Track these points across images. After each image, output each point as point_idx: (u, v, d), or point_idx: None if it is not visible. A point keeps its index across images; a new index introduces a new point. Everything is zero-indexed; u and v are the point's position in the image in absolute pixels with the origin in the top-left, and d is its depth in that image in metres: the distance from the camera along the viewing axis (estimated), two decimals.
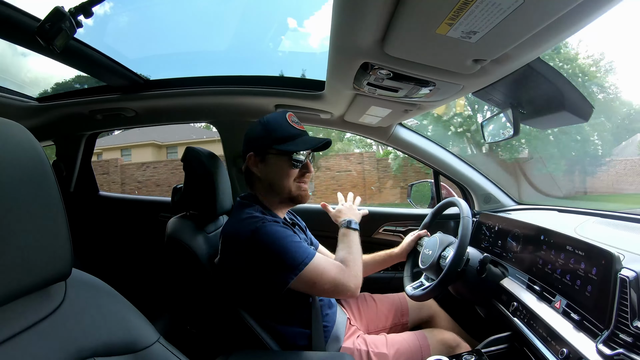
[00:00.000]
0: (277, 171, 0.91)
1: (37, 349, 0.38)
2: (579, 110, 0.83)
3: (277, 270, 0.79)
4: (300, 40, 14.66)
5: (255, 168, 0.92)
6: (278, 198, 0.94)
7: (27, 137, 0.38)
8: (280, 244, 0.80)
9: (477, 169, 1.50)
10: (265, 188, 0.93)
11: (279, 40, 14.18)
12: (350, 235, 0.98)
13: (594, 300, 0.66)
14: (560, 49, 9.22)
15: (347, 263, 0.88)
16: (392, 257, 1.20)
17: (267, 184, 0.92)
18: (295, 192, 0.93)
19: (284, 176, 0.91)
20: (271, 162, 0.91)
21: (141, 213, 1.75)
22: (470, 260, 0.96)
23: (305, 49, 14.36)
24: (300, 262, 0.79)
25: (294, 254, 0.80)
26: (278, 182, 0.91)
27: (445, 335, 1.02)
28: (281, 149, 0.89)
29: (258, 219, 0.84)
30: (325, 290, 0.84)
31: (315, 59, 7.94)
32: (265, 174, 0.92)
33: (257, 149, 0.91)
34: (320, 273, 0.82)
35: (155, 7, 8.28)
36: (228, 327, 0.94)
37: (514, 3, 0.47)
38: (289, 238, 0.82)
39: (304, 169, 0.93)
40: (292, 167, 0.90)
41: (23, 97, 1.41)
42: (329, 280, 0.82)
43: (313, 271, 0.81)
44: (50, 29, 0.74)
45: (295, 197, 0.93)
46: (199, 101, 1.40)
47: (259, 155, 0.91)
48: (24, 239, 0.36)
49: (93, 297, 0.46)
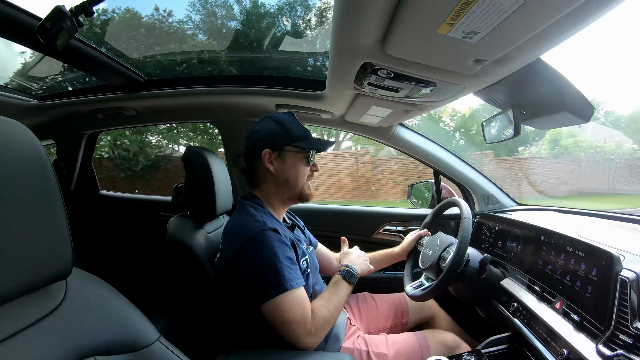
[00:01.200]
0: (293, 168, 0.92)
1: (38, 348, 0.38)
2: (580, 110, 0.83)
3: (258, 283, 0.79)
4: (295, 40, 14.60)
5: (270, 164, 0.91)
6: (288, 195, 0.94)
7: (28, 136, 0.38)
8: (273, 260, 0.79)
9: (478, 170, 1.50)
10: (278, 185, 0.93)
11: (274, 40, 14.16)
12: (339, 287, 0.91)
13: (594, 301, 0.66)
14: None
15: (317, 320, 0.81)
16: (392, 256, 1.20)
17: (281, 180, 0.93)
18: (306, 190, 0.96)
19: (299, 173, 0.93)
20: (288, 158, 0.91)
21: (141, 212, 1.75)
22: (470, 260, 0.96)
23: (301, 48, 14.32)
24: (280, 286, 0.78)
25: (279, 276, 0.78)
26: (293, 179, 0.92)
27: (446, 335, 1.02)
28: (301, 146, 0.90)
29: (260, 224, 0.84)
30: (280, 330, 0.79)
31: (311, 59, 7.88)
32: (281, 171, 0.92)
33: (274, 145, 0.91)
34: (286, 310, 0.78)
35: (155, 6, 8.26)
36: (228, 326, 0.94)
37: (515, 3, 0.47)
38: (282, 258, 0.80)
39: (314, 168, 0.97)
40: (307, 165, 0.94)
41: (24, 96, 1.41)
42: (285, 322, 0.78)
43: (281, 303, 0.78)
44: (51, 28, 0.74)
45: (305, 195, 0.96)
46: (200, 100, 1.41)
47: (276, 152, 0.91)
48: (25, 238, 0.36)
49: (93, 296, 0.46)
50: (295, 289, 0.80)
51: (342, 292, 0.91)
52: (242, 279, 0.82)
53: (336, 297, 0.89)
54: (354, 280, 0.94)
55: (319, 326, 0.81)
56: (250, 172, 0.96)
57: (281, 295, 0.78)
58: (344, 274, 0.94)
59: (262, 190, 0.95)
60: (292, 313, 0.78)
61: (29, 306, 0.39)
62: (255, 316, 0.87)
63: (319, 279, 1.03)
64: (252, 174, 0.96)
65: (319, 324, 0.82)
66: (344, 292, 0.91)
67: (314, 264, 1.02)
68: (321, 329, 0.82)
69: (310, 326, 0.80)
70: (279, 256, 0.80)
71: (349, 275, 0.94)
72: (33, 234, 0.37)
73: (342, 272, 0.94)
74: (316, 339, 0.81)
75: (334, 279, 0.94)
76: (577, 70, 18.30)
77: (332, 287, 0.91)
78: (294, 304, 0.79)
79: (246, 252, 0.81)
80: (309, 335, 0.80)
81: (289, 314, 0.78)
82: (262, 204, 0.93)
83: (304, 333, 0.79)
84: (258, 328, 0.87)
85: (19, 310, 0.38)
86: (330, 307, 0.86)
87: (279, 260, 0.79)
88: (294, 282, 0.80)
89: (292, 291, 0.79)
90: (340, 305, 0.89)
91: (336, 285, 0.92)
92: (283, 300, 0.78)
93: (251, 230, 0.82)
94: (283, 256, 0.81)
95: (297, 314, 0.79)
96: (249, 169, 0.96)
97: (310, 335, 0.80)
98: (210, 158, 1.04)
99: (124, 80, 1.27)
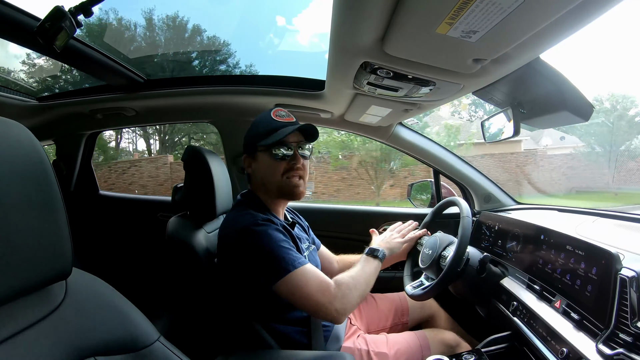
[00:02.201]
0: (264, 168, 0.91)
1: (38, 348, 0.38)
2: (579, 109, 0.83)
3: (259, 272, 0.79)
4: (288, 39, 14.59)
5: (249, 168, 0.95)
6: (271, 194, 0.94)
7: (27, 137, 0.38)
8: (267, 247, 0.78)
9: (477, 169, 1.50)
10: (260, 186, 0.94)
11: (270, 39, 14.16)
12: (366, 263, 0.91)
13: (594, 300, 0.66)
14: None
15: (341, 286, 0.80)
16: (392, 256, 1.19)
17: (260, 182, 0.94)
18: (285, 187, 0.90)
19: (270, 172, 0.90)
20: (259, 159, 0.92)
21: (141, 212, 1.75)
22: (470, 259, 0.96)
23: (296, 48, 14.30)
24: (284, 268, 0.76)
25: (279, 259, 0.77)
26: (267, 179, 0.92)
27: (446, 335, 1.02)
28: (262, 144, 0.89)
29: (249, 217, 0.84)
30: (305, 305, 0.78)
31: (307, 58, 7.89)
32: (257, 172, 0.94)
33: (247, 149, 0.94)
34: (303, 285, 0.77)
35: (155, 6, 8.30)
36: (228, 326, 0.94)
37: (514, 3, 0.47)
38: (277, 242, 0.79)
39: (291, 161, 0.89)
40: (275, 160, 0.89)
41: (23, 97, 1.41)
42: (308, 296, 0.77)
43: (295, 281, 0.76)
44: (50, 28, 0.74)
45: (285, 192, 0.91)
46: (199, 100, 1.41)
47: (251, 155, 0.94)
48: (25, 238, 0.36)
49: (93, 296, 0.46)
50: (302, 266, 0.78)
51: (369, 268, 0.90)
52: (244, 273, 0.82)
53: (363, 272, 0.88)
54: (380, 254, 0.93)
55: (344, 291, 0.79)
56: (246, 175, 0.99)
57: (290, 274, 0.76)
58: (367, 251, 0.95)
59: (255, 191, 0.97)
60: (310, 285, 0.77)
61: (29, 307, 0.39)
62: (256, 316, 0.87)
63: None
64: (247, 177, 0.99)
65: (343, 289, 0.80)
66: (370, 268, 0.90)
67: (315, 262, 1.02)
68: (347, 294, 0.79)
69: (334, 291, 0.78)
70: (276, 241, 0.80)
71: (372, 252, 0.94)
72: (33, 235, 0.37)
73: (368, 251, 0.95)
74: (345, 305, 0.79)
75: (362, 257, 0.94)
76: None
77: (359, 264, 0.91)
78: (307, 277, 0.78)
79: (243, 243, 0.81)
80: (335, 299, 0.77)
81: (307, 287, 0.77)
82: (260, 201, 0.94)
83: (330, 299, 0.77)
84: (258, 328, 0.88)
85: (20, 311, 0.38)
86: (353, 275, 0.85)
87: (276, 245, 0.79)
88: (297, 263, 0.78)
89: (299, 269, 0.78)
90: (366, 276, 0.87)
91: (362, 262, 0.91)
92: (295, 277, 0.77)
93: (244, 222, 0.82)
94: (280, 240, 0.80)
95: (315, 284, 0.78)
96: (246, 174, 0.99)
97: (336, 300, 0.77)
98: (210, 158, 1.04)
99: (123, 80, 1.27)
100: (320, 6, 15.57)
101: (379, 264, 0.93)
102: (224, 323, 0.96)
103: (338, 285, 0.80)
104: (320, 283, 0.79)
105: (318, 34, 14.98)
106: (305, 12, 18.04)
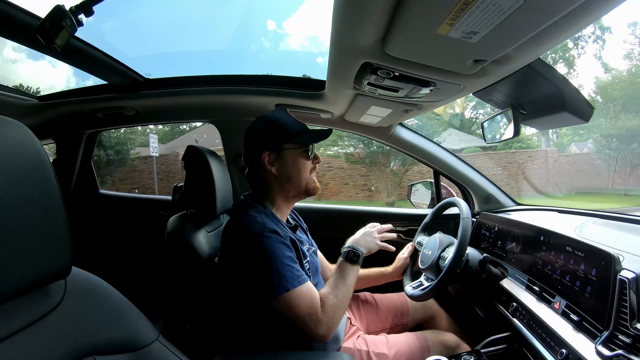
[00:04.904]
0: (295, 165, 0.91)
1: (37, 347, 0.38)
2: (579, 110, 0.83)
3: (257, 285, 0.80)
4: (279, 42, 14.67)
5: (271, 166, 0.90)
6: (293, 192, 0.94)
7: (27, 136, 0.38)
8: (270, 262, 0.79)
9: (477, 170, 1.50)
10: (282, 184, 0.92)
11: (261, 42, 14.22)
12: (344, 271, 0.90)
13: (594, 301, 0.66)
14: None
15: (327, 311, 0.81)
16: (385, 275, 1.18)
17: (285, 179, 0.92)
18: (311, 184, 0.95)
19: (302, 169, 0.92)
20: (288, 156, 0.91)
21: (141, 211, 1.75)
22: (469, 260, 0.96)
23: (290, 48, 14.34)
24: (282, 286, 0.78)
25: (279, 276, 0.78)
26: (297, 176, 0.92)
27: (446, 336, 1.02)
28: (298, 141, 0.90)
29: (256, 224, 0.83)
30: (293, 323, 0.80)
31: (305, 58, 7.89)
32: (283, 170, 0.91)
33: (271, 146, 0.90)
34: (295, 306, 0.79)
35: (155, 5, 8.30)
36: (228, 326, 0.94)
37: (514, 4, 0.47)
38: (280, 259, 0.80)
39: (315, 160, 0.96)
40: (308, 159, 0.93)
41: (24, 96, 1.41)
42: (296, 318, 0.79)
43: (288, 301, 0.78)
44: (51, 27, 0.74)
45: (311, 189, 0.95)
46: (200, 100, 1.41)
47: (275, 152, 0.91)
48: (24, 237, 0.36)
49: (93, 295, 0.46)
50: (300, 286, 0.80)
51: (349, 276, 0.89)
52: (244, 280, 0.82)
53: (342, 282, 0.88)
54: (359, 259, 0.93)
55: (329, 315, 0.82)
56: (253, 176, 0.95)
57: (286, 294, 0.78)
58: (345, 255, 0.93)
59: (265, 192, 0.94)
60: (300, 308, 0.79)
61: (28, 305, 0.39)
62: (255, 316, 0.87)
63: (320, 280, 1.03)
64: (254, 178, 0.94)
65: (329, 312, 0.82)
66: (350, 275, 0.90)
67: (315, 264, 1.02)
68: (332, 317, 0.82)
69: (320, 316, 0.81)
70: (279, 257, 0.80)
71: (351, 256, 0.93)
72: (32, 234, 0.37)
73: (344, 254, 0.94)
74: (329, 328, 0.81)
75: (337, 262, 0.94)
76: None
77: (336, 273, 0.91)
78: (300, 300, 0.79)
79: (247, 253, 0.81)
80: (320, 325, 0.80)
81: (297, 309, 0.79)
82: (264, 205, 0.92)
83: (316, 324, 0.80)
84: (257, 328, 0.87)
85: (19, 310, 0.38)
86: (338, 293, 0.85)
87: (279, 261, 0.79)
88: (296, 282, 0.80)
89: (296, 289, 0.79)
90: (349, 288, 0.88)
91: (340, 270, 0.91)
92: (289, 298, 0.78)
93: (251, 231, 0.82)
94: (284, 256, 0.81)
95: (305, 308, 0.80)
96: (251, 173, 0.95)
97: (322, 325, 0.80)
98: (210, 158, 1.04)
99: (123, 79, 1.27)
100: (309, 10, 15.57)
101: (359, 267, 0.94)
102: (223, 323, 0.96)
103: (325, 309, 0.82)
104: (310, 306, 0.80)
105: (308, 37, 15.01)
106: (295, 15, 18.08)
